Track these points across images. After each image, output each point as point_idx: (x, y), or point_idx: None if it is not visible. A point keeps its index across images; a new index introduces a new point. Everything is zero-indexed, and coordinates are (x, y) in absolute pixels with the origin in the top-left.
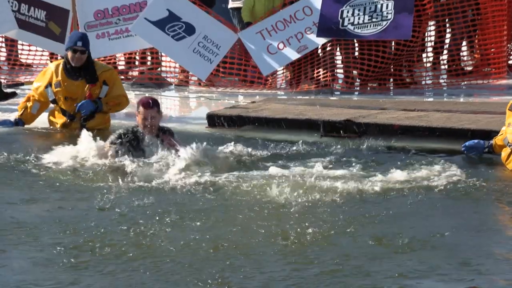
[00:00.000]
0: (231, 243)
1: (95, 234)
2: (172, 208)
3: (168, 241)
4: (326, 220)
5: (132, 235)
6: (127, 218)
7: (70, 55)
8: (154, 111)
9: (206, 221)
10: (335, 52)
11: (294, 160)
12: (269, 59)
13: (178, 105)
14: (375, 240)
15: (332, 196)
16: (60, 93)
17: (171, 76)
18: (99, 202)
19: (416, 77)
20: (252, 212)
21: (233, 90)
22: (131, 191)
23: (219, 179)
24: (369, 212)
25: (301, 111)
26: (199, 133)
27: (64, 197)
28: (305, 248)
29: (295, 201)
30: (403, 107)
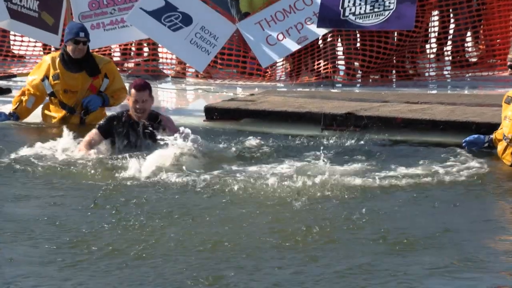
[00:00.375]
0: (229, 241)
1: (92, 232)
2: (169, 205)
3: (165, 239)
4: (326, 217)
5: (128, 232)
6: (123, 215)
7: (71, 47)
8: (146, 94)
9: (204, 218)
10: (336, 43)
11: (294, 154)
12: (269, 50)
13: (175, 98)
14: (378, 237)
15: (333, 191)
16: (58, 86)
17: (167, 68)
18: (95, 199)
19: (419, 68)
20: (250, 208)
21: (231, 82)
22: (127, 188)
23: (217, 174)
24: (371, 208)
25: (301, 104)
26: (196, 126)
27: (58, 194)
28: (306, 245)
29: (294, 197)
30: (406, 100)
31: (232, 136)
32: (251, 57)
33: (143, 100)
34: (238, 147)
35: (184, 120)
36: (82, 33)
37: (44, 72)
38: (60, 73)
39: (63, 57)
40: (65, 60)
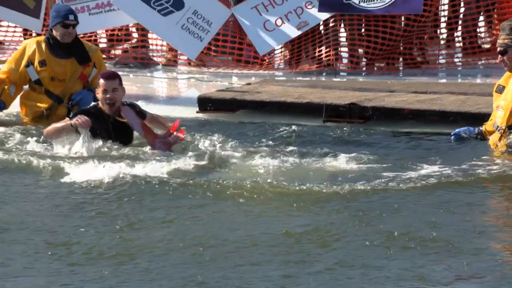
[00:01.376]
0: (222, 240)
1: (81, 233)
2: (161, 203)
3: (158, 238)
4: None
5: (120, 231)
6: (113, 214)
7: (60, 31)
8: (116, 83)
9: (198, 215)
10: (339, 28)
11: (294, 147)
12: (266, 36)
13: (166, 87)
14: (379, 235)
15: (334, 187)
16: (45, 73)
17: (158, 55)
18: (81, 198)
19: (428, 56)
20: (245, 204)
21: (226, 71)
22: (117, 185)
23: (210, 168)
24: (373, 205)
25: (302, 94)
26: (189, 118)
27: (34, 194)
28: (306, 243)
29: (293, 193)
30: (414, 89)
31: (227, 129)
32: (248, 44)
33: (113, 89)
34: (233, 140)
35: (175, 112)
36: (71, 16)
37: (28, 58)
38: (47, 59)
39: (49, 42)
40: (52, 45)
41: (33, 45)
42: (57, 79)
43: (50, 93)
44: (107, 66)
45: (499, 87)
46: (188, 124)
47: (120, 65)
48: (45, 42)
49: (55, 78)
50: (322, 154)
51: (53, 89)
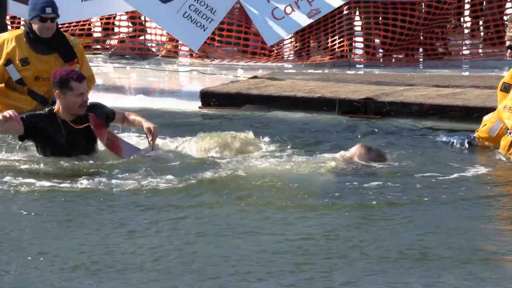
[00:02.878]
0: (219, 243)
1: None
2: (160, 203)
3: (159, 241)
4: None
5: (123, 237)
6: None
7: (38, 25)
8: (85, 84)
9: (196, 220)
10: (354, 16)
11: (304, 146)
12: (275, 25)
13: (166, 81)
14: (396, 248)
15: (346, 190)
16: (28, 72)
17: (157, 45)
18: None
19: (450, 46)
20: (250, 206)
21: (231, 63)
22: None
23: (213, 168)
24: (391, 214)
25: (313, 88)
26: (191, 113)
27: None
28: (317, 247)
29: (301, 196)
30: (435, 83)
31: (232, 126)
32: (254, 33)
33: (86, 91)
34: (238, 137)
35: (176, 107)
36: (49, 9)
37: (7, 55)
38: (29, 57)
39: (29, 36)
40: (32, 40)
41: (12, 41)
42: (41, 78)
43: (34, 94)
44: (101, 57)
45: (504, 85)
46: (190, 121)
47: (116, 56)
48: (25, 36)
49: (39, 78)
50: (335, 152)
51: (37, 89)
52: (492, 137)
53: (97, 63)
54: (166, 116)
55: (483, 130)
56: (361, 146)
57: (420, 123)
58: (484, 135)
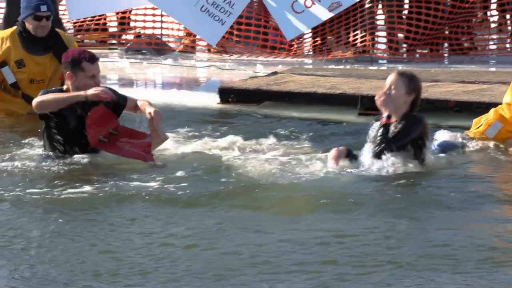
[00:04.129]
0: (229, 247)
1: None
2: (173, 198)
3: (167, 238)
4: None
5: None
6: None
7: (32, 24)
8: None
9: (212, 217)
10: (376, 10)
11: (325, 144)
12: (295, 19)
13: (183, 76)
14: (419, 259)
15: (368, 191)
16: (23, 75)
17: (174, 40)
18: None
19: (476, 41)
20: (266, 209)
21: (250, 58)
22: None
23: (230, 168)
24: (417, 223)
25: (334, 84)
26: (208, 110)
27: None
28: (338, 255)
29: (322, 199)
30: (461, 79)
31: (251, 123)
32: (274, 27)
33: (99, 73)
34: (257, 135)
35: (193, 104)
36: (43, 6)
37: (2, 57)
38: (24, 59)
39: (22, 36)
40: (25, 39)
41: (6, 41)
42: (35, 81)
43: (28, 98)
44: (117, 52)
45: None
46: (208, 118)
47: (132, 51)
48: (18, 36)
49: (34, 80)
50: (356, 151)
51: (31, 92)
52: (490, 139)
53: (113, 59)
54: (183, 113)
55: (479, 131)
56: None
57: (445, 120)
58: (480, 136)
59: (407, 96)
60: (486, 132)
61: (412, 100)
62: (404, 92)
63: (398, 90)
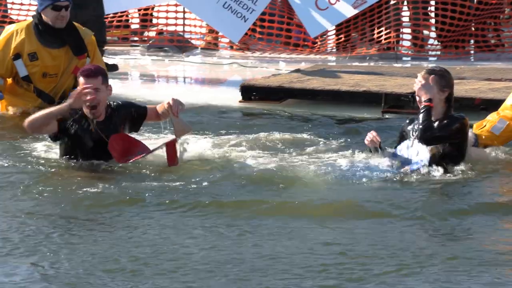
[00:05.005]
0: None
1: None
2: (190, 198)
3: (176, 240)
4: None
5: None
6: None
7: (51, 15)
8: (98, 81)
9: (232, 215)
10: (401, 6)
11: (349, 143)
12: (318, 16)
13: (205, 74)
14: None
15: (393, 192)
16: (36, 68)
17: (196, 37)
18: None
19: (503, 38)
20: (282, 218)
21: (273, 55)
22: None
23: (252, 164)
24: (444, 230)
25: (358, 82)
26: (230, 108)
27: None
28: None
29: (347, 200)
30: (487, 76)
31: (274, 121)
32: (297, 24)
33: (96, 89)
34: (280, 133)
35: (216, 101)
36: None
37: (16, 49)
38: (37, 52)
39: (38, 29)
40: (41, 32)
41: (21, 33)
42: (48, 74)
43: (40, 92)
44: (139, 49)
45: None
46: (230, 116)
47: (154, 48)
48: (33, 28)
49: (46, 74)
50: (380, 150)
51: (44, 86)
52: (496, 136)
53: (134, 56)
54: (205, 111)
55: (484, 129)
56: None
57: (471, 119)
58: (487, 134)
59: (440, 94)
60: (493, 129)
61: (446, 97)
62: (436, 91)
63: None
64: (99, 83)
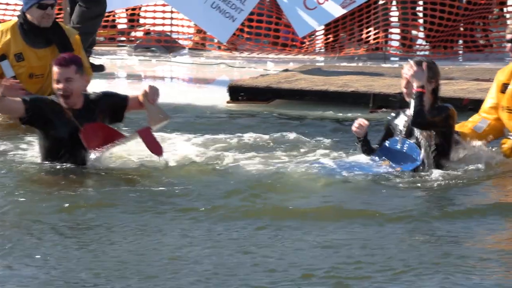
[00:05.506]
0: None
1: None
2: (170, 200)
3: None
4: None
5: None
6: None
7: (36, 14)
8: (71, 71)
9: (218, 217)
10: (390, 6)
11: (337, 143)
12: (306, 16)
13: (193, 74)
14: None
15: (380, 193)
16: (22, 69)
17: (184, 37)
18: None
19: (492, 38)
20: (273, 210)
21: (261, 56)
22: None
23: (239, 165)
24: (435, 232)
25: (346, 82)
26: (218, 108)
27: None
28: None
29: (334, 201)
30: (475, 77)
31: (261, 121)
32: (285, 24)
33: (66, 79)
34: (267, 134)
35: (203, 102)
36: None
37: (2, 50)
38: (23, 52)
39: (23, 28)
40: (27, 32)
41: (7, 34)
42: (35, 75)
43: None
44: (126, 49)
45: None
46: (218, 116)
47: (141, 48)
48: (18, 28)
49: (33, 75)
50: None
51: (30, 87)
52: (478, 134)
53: (121, 56)
54: (192, 111)
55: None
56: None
57: (459, 119)
58: (469, 132)
59: (427, 85)
60: (475, 127)
61: (433, 88)
62: (425, 81)
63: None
64: (72, 72)
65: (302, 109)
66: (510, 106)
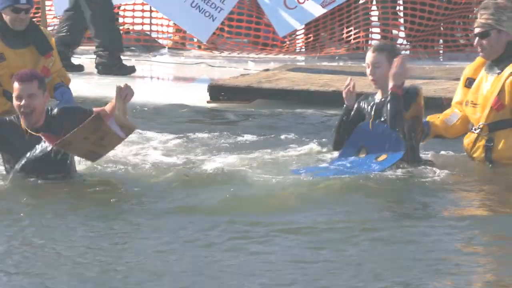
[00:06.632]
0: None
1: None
2: (154, 202)
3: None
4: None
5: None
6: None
7: (10, 16)
8: (33, 87)
9: (199, 218)
10: (370, 6)
11: (318, 142)
12: (287, 15)
13: (172, 74)
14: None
15: (362, 190)
16: (4, 70)
17: (163, 37)
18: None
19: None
20: (257, 215)
21: (241, 55)
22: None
23: (220, 166)
24: (412, 231)
25: (327, 82)
26: (198, 108)
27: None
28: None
29: (316, 202)
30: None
31: (242, 121)
32: (266, 24)
33: (28, 95)
34: (248, 134)
35: (183, 101)
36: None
37: None
38: (3, 52)
39: (1, 29)
40: (4, 32)
41: None
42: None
43: (9, 94)
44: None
45: (469, 80)
46: (198, 116)
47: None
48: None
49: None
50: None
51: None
52: (448, 125)
53: None
54: (172, 111)
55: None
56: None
57: None
58: (439, 123)
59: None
60: (447, 119)
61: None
62: (388, 66)
63: (382, 66)
64: (35, 88)
65: (283, 109)
66: (474, 101)
